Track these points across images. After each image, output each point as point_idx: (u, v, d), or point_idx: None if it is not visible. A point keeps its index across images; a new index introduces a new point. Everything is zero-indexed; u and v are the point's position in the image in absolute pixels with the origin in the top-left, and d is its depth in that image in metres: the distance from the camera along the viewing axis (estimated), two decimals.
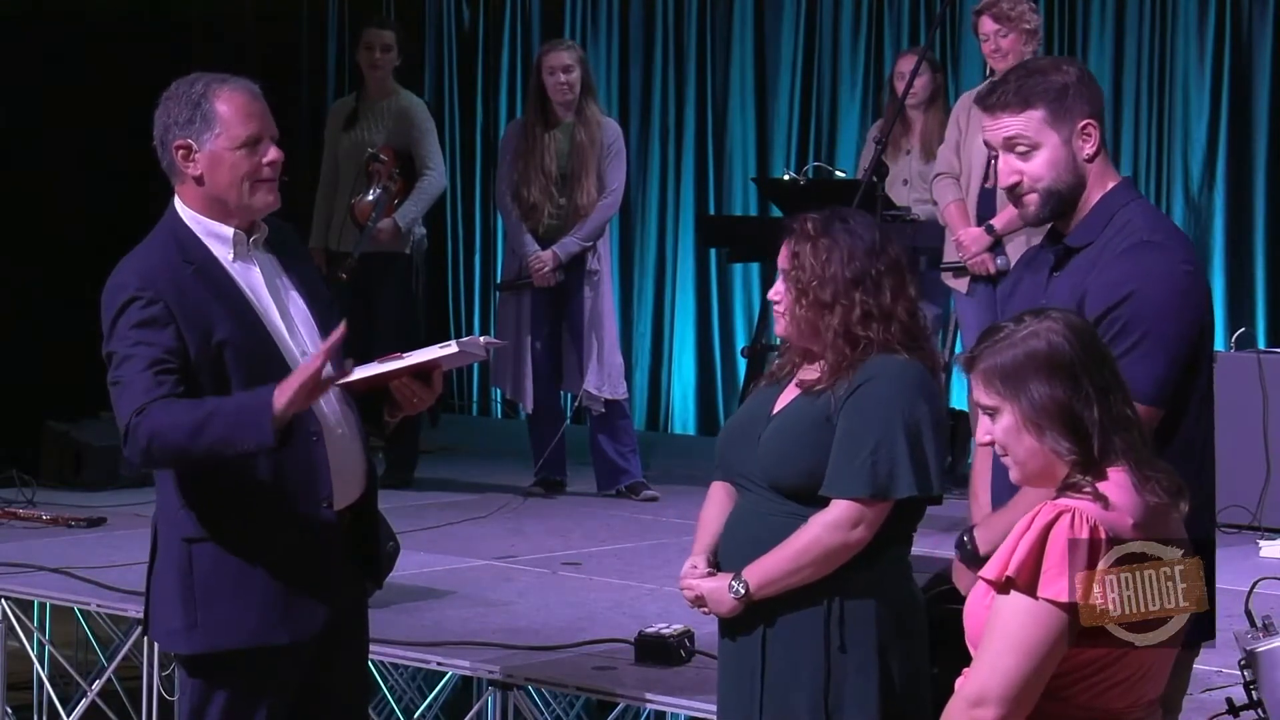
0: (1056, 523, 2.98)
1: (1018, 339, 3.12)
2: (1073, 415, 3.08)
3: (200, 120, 3.92)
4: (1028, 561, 2.98)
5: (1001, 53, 7.24)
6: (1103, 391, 3.10)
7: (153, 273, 3.90)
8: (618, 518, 7.83)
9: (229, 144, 3.91)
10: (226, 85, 3.95)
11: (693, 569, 3.91)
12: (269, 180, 3.95)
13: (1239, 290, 9.31)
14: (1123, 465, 3.08)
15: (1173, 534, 3.07)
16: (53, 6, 9.63)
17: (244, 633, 3.93)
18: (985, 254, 7.24)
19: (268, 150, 3.94)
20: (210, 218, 3.97)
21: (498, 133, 10.83)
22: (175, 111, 3.95)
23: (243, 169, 3.92)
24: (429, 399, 4.00)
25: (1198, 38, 9.41)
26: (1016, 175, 3.71)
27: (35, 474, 8.24)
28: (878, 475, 3.74)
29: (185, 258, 3.93)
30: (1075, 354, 3.11)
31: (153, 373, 3.82)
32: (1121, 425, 3.11)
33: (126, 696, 6.33)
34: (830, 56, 10.50)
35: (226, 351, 3.88)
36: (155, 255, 3.95)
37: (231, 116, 3.92)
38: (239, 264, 3.98)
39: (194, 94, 3.94)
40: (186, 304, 3.86)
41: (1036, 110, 3.68)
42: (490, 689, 5.23)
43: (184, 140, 3.93)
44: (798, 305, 3.84)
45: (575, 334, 8.25)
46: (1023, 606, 2.98)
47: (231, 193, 3.94)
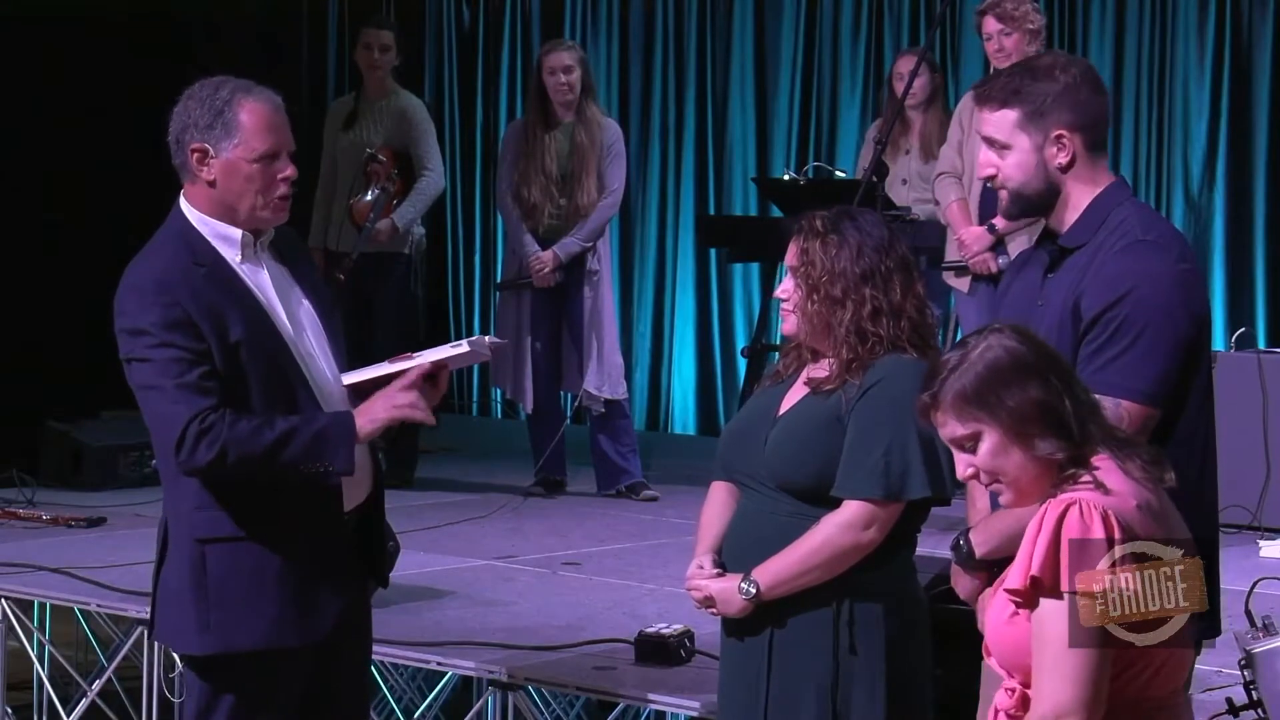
0: (1066, 516, 2.97)
1: (972, 358, 3.10)
2: (1052, 411, 3.06)
3: (221, 127, 3.91)
4: (1048, 560, 2.97)
5: (1005, 53, 7.24)
6: (1066, 382, 3.10)
7: (167, 275, 3.89)
8: (618, 518, 7.83)
9: (247, 155, 3.91)
10: (251, 95, 3.95)
11: (700, 569, 3.90)
12: (283, 196, 3.96)
13: (1239, 290, 9.31)
14: (1103, 451, 3.07)
15: (1168, 510, 3.07)
16: (53, 6, 9.63)
17: (255, 634, 3.93)
18: (987, 253, 7.24)
19: (285, 165, 3.95)
20: (218, 219, 3.97)
21: (498, 133, 10.83)
22: (197, 113, 3.94)
23: (257, 182, 3.92)
24: (435, 399, 4.00)
25: (1198, 38, 9.41)
26: (992, 169, 3.74)
27: (35, 474, 8.23)
28: (890, 476, 3.74)
29: (196, 260, 3.92)
30: (1031, 353, 3.10)
31: (196, 376, 3.82)
32: (1091, 411, 3.11)
33: (126, 696, 6.32)
34: (830, 56, 10.50)
35: (242, 352, 3.88)
36: (166, 258, 3.94)
37: (253, 128, 3.91)
38: (246, 266, 3.98)
39: (218, 99, 3.93)
40: (201, 306, 3.86)
41: (1012, 111, 3.69)
42: (490, 689, 5.23)
43: (201, 144, 3.92)
44: (808, 302, 3.83)
45: (575, 334, 8.26)
46: (1060, 608, 2.95)
47: (243, 202, 3.94)
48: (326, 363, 4.03)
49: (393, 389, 3.90)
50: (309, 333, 4.02)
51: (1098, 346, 3.56)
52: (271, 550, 3.93)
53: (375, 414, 3.88)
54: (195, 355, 3.83)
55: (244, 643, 3.94)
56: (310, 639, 3.96)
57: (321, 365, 4.02)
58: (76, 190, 9.55)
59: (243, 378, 3.88)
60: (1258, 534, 7.29)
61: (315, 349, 4.01)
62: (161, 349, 3.83)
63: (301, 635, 3.95)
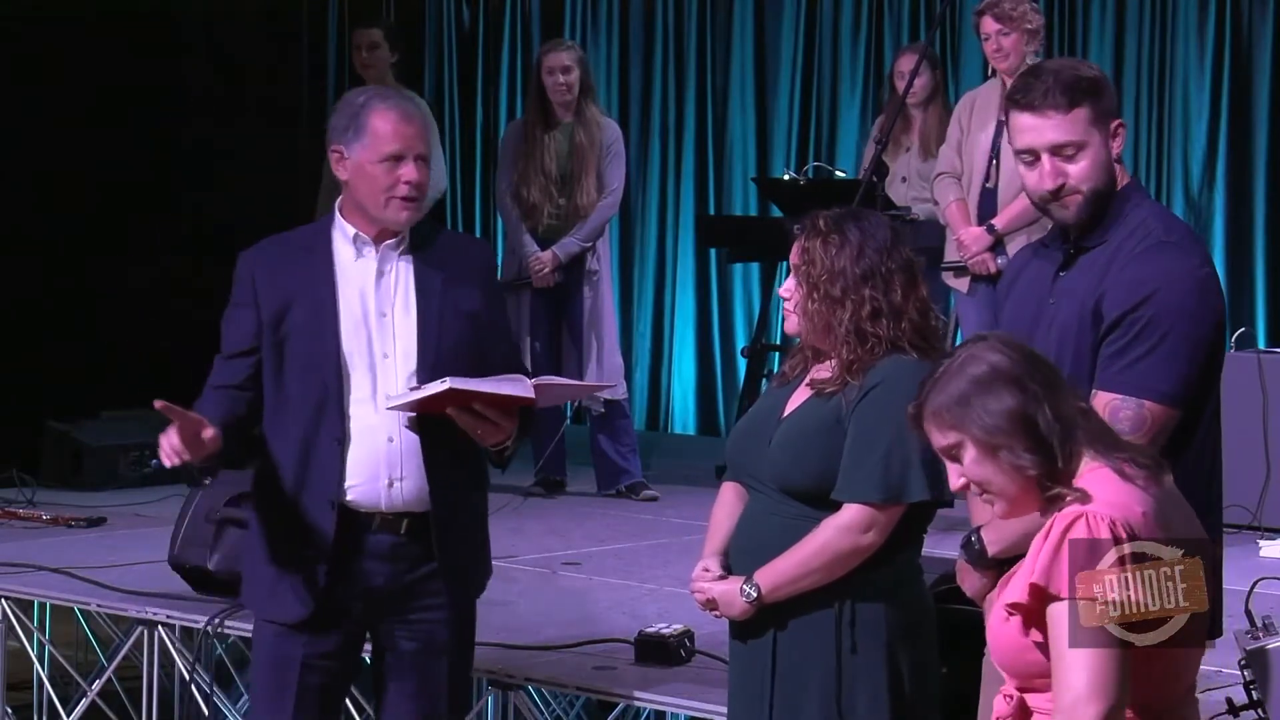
0: (1073, 527, 2.96)
1: (953, 369, 3.09)
2: (1026, 420, 3.04)
3: (354, 130, 4.15)
4: (1050, 567, 2.96)
5: (1004, 53, 7.24)
6: (1049, 389, 3.06)
7: (266, 254, 4.24)
8: (618, 518, 7.83)
9: (372, 157, 4.14)
10: (386, 102, 4.20)
11: (704, 572, 3.90)
12: (405, 197, 4.15)
13: (1239, 290, 9.30)
14: (1097, 460, 3.05)
15: (1171, 510, 3.04)
16: (53, 6, 9.62)
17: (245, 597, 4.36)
18: (986, 254, 7.24)
19: (408, 168, 4.13)
20: (354, 219, 4.21)
21: (498, 133, 10.82)
22: (338, 119, 4.21)
23: (381, 182, 4.13)
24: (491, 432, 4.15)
25: (1198, 38, 9.41)
26: (1059, 178, 3.62)
27: (35, 474, 8.23)
28: (890, 479, 3.74)
29: (310, 248, 4.21)
30: (1014, 363, 3.07)
31: (226, 355, 4.22)
32: (1079, 416, 3.08)
33: (126, 696, 6.32)
34: (830, 56, 10.50)
35: (290, 341, 4.15)
36: (286, 239, 4.30)
37: (380, 131, 4.14)
38: (360, 262, 4.20)
39: (356, 104, 4.21)
40: (278, 287, 4.17)
41: (1083, 109, 3.59)
42: (490, 689, 5.23)
43: (338, 146, 4.18)
44: (808, 301, 3.83)
45: (575, 334, 8.26)
46: (1067, 609, 2.94)
47: (370, 201, 4.16)
48: (405, 371, 4.15)
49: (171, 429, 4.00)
50: (395, 338, 4.16)
51: (1120, 347, 3.54)
52: (262, 530, 4.25)
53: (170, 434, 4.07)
54: (238, 335, 4.19)
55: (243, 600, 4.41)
56: (282, 619, 4.19)
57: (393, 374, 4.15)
58: (76, 190, 9.54)
59: (283, 363, 4.15)
60: (1258, 534, 7.29)
61: (395, 354, 4.15)
62: (225, 322, 4.24)
63: (276, 614, 4.21)
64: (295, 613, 4.17)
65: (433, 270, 4.20)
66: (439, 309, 4.18)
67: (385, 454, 4.14)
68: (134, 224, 9.60)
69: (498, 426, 4.12)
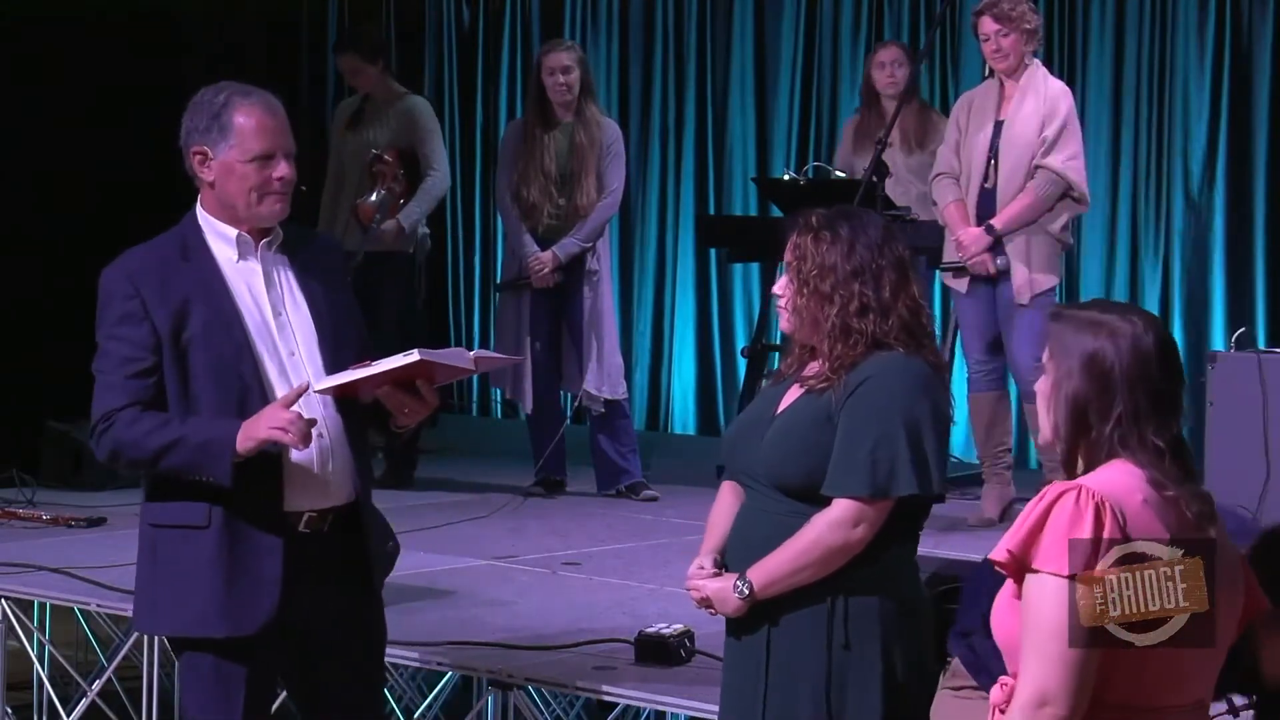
0: (1060, 500, 2.96)
1: (1085, 321, 3.07)
2: (1083, 418, 3.04)
3: (217, 130, 4.07)
4: (1028, 538, 2.96)
5: (1002, 53, 7.24)
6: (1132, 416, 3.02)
7: (142, 266, 4.08)
8: (618, 518, 7.83)
9: (241, 156, 4.06)
10: (248, 99, 4.10)
11: (699, 569, 3.92)
12: (277, 193, 4.08)
13: (1239, 290, 9.30)
14: (1132, 461, 3.02)
15: (1185, 524, 3.00)
16: (53, 6, 9.63)
17: (179, 621, 4.11)
18: (985, 254, 7.24)
19: (279, 166, 4.08)
20: (221, 220, 4.11)
21: (498, 133, 10.82)
22: (197, 119, 4.10)
23: (252, 181, 4.06)
24: (420, 409, 4.08)
25: (1198, 38, 9.40)
26: None
27: (35, 474, 8.24)
28: (877, 474, 3.75)
29: (183, 255, 4.08)
30: (1117, 366, 3.04)
31: (124, 374, 4.04)
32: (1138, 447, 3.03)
33: (126, 696, 6.33)
34: (830, 56, 10.49)
35: (195, 347, 4.03)
36: (153, 250, 4.14)
37: (247, 130, 4.06)
38: (242, 264, 4.11)
39: (216, 104, 4.09)
40: (168, 297, 4.02)
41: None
42: (490, 689, 5.23)
43: (201, 147, 4.09)
44: (799, 297, 3.85)
45: (575, 334, 8.26)
46: (1044, 587, 2.93)
47: (239, 201, 4.08)
48: (312, 367, 4.10)
49: (275, 406, 3.96)
50: (297, 336, 4.11)
51: None
52: (208, 541, 4.04)
53: (255, 431, 3.95)
54: (137, 349, 4.02)
55: (168, 628, 4.21)
56: (238, 632, 4.04)
57: (302, 370, 4.09)
58: (76, 190, 9.54)
59: (188, 371, 4.03)
60: None
61: (300, 352, 4.09)
62: (108, 341, 4.08)
63: (229, 628, 4.04)
64: (257, 621, 4.04)
65: (306, 267, 4.17)
66: (324, 304, 4.16)
67: (317, 448, 4.06)
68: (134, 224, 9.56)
69: (424, 404, 4.06)
